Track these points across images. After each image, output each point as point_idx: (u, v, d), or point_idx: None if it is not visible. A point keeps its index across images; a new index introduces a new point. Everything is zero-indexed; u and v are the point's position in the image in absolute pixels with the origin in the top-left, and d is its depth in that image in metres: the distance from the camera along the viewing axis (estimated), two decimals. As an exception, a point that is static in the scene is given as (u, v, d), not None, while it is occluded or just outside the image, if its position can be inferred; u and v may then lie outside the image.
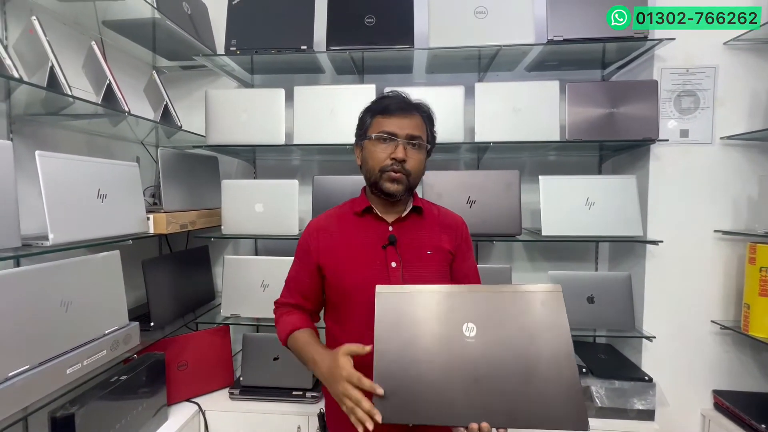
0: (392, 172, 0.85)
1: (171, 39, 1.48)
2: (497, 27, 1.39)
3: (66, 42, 1.27)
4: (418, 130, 0.88)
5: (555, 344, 0.69)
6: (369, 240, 0.89)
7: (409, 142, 0.86)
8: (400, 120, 0.86)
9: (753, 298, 1.32)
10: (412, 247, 0.89)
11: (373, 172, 0.88)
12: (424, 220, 0.95)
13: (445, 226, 0.95)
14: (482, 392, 0.67)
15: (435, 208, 1.00)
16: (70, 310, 0.92)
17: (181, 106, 1.73)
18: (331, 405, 0.93)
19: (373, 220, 0.92)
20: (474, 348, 0.69)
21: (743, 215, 1.44)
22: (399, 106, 0.88)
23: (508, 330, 0.70)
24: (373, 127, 0.89)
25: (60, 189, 0.93)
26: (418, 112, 0.90)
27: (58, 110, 1.13)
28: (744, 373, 1.46)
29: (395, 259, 0.87)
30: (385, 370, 0.69)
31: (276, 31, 1.47)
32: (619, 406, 1.33)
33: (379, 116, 0.88)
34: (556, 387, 0.66)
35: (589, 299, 1.39)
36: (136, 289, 1.48)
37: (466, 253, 0.97)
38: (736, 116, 1.43)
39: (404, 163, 0.85)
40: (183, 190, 1.44)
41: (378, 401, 0.67)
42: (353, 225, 0.92)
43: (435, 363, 0.69)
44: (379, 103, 0.91)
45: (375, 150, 0.87)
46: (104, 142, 1.46)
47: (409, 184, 0.88)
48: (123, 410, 1.12)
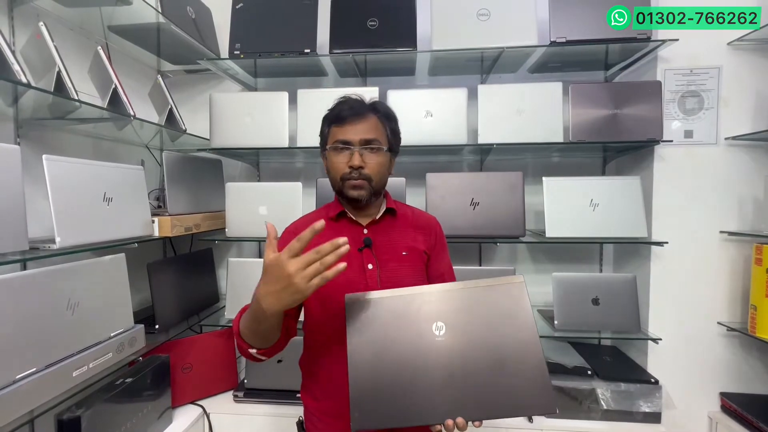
0: (352, 180, 0.85)
1: (175, 43, 1.50)
2: (500, 29, 1.39)
3: (72, 47, 1.29)
4: (373, 132, 0.86)
5: (520, 333, 0.71)
6: None
7: (365, 147, 0.85)
8: (354, 126, 0.85)
9: (760, 300, 1.31)
10: (387, 248, 0.89)
11: (336, 181, 0.88)
12: (397, 221, 0.95)
13: (419, 227, 0.96)
14: (455, 388, 0.68)
15: (408, 210, 1.00)
16: (76, 312, 0.92)
17: (185, 109, 1.74)
18: (310, 412, 0.92)
19: (348, 224, 0.92)
20: (444, 346, 0.71)
21: (749, 216, 1.43)
22: (351, 111, 0.86)
23: (475, 325, 0.72)
24: (330, 137, 0.88)
25: (67, 192, 0.93)
26: (372, 112, 0.88)
27: (64, 114, 1.14)
28: (751, 375, 1.45)
29: (371, 261, 0.87)
30: (360, 377, 0.70)
31: (279, 34, 1.48)
32: (625, 408, 1.32)
33: (334, 125, 0.88)
34: (524, 374, 0.69)
35: (594, 301, 1.38)
36: (141, 291, 1.48)
37: (440, 253, 0.97)
38: (741, 117, 1.43)
39: (362, 169, 0.84)
40: (187, 193, 1.45)
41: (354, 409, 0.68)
42: (329, 229, 0.91)
43: (407, 365, 0.70)
44: (333, 110, 0.89)
45: (334, 160, 0.87)
46: (109, 146, 1.47)
47: (372, 189, 0.87)
48: (128, 413, 1.12)
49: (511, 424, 1.32)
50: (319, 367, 0.90)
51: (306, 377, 0.94)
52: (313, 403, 0.91)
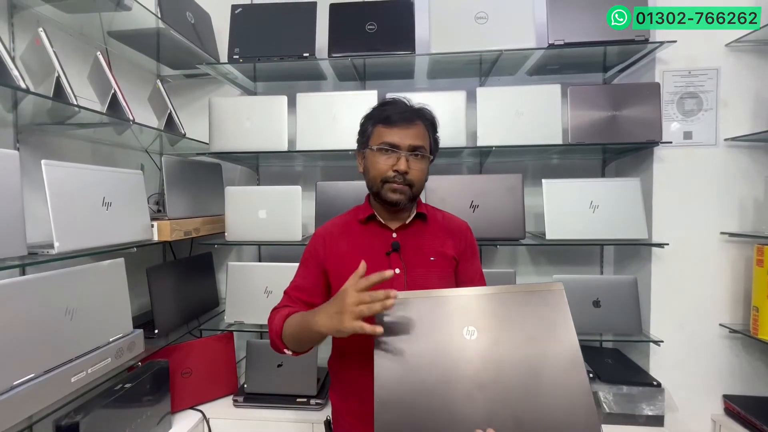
0: (394, 184, 0.85)
1: (175, 48, 1.50)
2: (498, 32, 1.40)
3: (72, 52, 1.29)
4: (420, 139, 0.87)
5: (560, 345, 0.67)
6: (373, 247, 0.89)
7: (412, 153, 0.86)
8: (402, 131, 0.85)
9: (762, 301, 1.30)
10: (415, 253, 0.89)
11: (375, 182, 0.87)
12: (428, 226, 0.94)
13: (449, 232, 0.95)
14: (486, 398, 0.64)
15: (439, 214, 0.99)
16: (75, 318, 0.92)
17: (184, 114, 1.74)
18: (337, 412, 0.92)
19: (377, 227, 0.92)
20: (476, 352, 0.67)
21: (750, 217, 1.43)
22: (401, 115, 0.86)
23: (509, 332, 0.68)
24: (375, 137, 0.88)
25: (65, 197, 0.93)
26: (420, 120, 0.88)
27: (64, 120, 1.15)
28: (754, 378, 1.44)
29: (399, 266, 0.87)
30: (385, 380, 0.67)
31: (278, 39, 1.49)
32: (627, 411, 1.31)
33: (381, 126, 0.87)
34: (565, 390, 0.64)
35: (595, 303, 1.38)
36: (140, 296, 1.48)
37: (471, 258, 0.96)
38: (740, 117, 1.43)
39: (406, 174, 0.85)
40: (187, 197, 1.45)
41: (380, 413, 0.65)
42: (358, 233, 0.92)
43: (435, 370, 0.67)
44: (380, 111, 0.89)
45: (377, 161, 0.86)
46: (109, 151, 1.47)
47: (412, 194, 0.88)
48: (127, 418, 1.12)
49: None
50: (346, 368, 0.90)
51: (333, 377, 0.95)
52: (340, 404, 0.92)
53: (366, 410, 0.83)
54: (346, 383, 0.90)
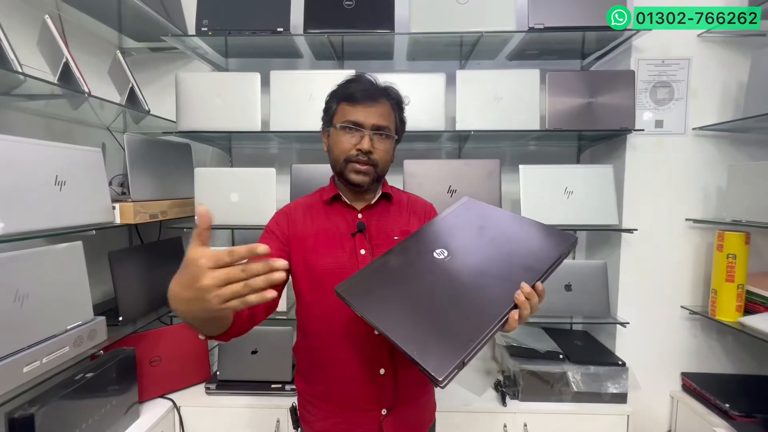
0: (357, 163, 0.83)
1: (138, 18, 1.39)
2: (479, 14, 1.37)
3: (20, 17, 1.18)
4: (385, 119, 0.85)
5: None
6: (338, 228, 0.87)
7: (376, 132, 0.83)
8: (366, 109, 0.83)
9: (720, 284, 1.37)
10: (380, 233, 0.88)
11: (339, 161, 0.85)
12: (393, 206, 0.94)
13: (414, 211, 0.95)
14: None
15: (404, 195, 0.98)
16: (25, 304, 0.86)
17: (151, 90, 1.64)
18: (303, 397, 0.91)
19: (342, 208, 0.90)
20: (448, 266, 0.71)
21: (713, 204, 1.49)
22: (365, 93, 0.83)
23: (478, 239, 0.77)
24: (338, 115, 0.85)
25: (11, 174, 0.86)
26: (385, 98, 0.86)
27: (9, 90, 1.05)
28: (710, 356, 1.52)
29: (364, 246, 0.85)
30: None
31: (251, 11, 1.40)
32: (593, 390, 1.36)
33: (345, 103, 0.85)
34: None
35: (567, 287, 1.41)
36: (105, 282, 1.41)
37: None
38: (708, 107, 1.47)
39: (370, 154, 0.83)
40: (153, 178, 1.37)
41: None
42: (322, 213, 0.90)
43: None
44: (344, 87, 0.87)
45: (340, 140, 0.84)
46: (65, 127, 1.37)
47: (376, 174, 0.86)
48: (89, 409, 1.07)
49: (484, 408, 1.35)
50: (311, 351, 0.88)
51: (300, 362, 0.93)
52: (304, 387, 0.90)
53: (329, 389, 0.83)
54: (312, 367, 0.88)
